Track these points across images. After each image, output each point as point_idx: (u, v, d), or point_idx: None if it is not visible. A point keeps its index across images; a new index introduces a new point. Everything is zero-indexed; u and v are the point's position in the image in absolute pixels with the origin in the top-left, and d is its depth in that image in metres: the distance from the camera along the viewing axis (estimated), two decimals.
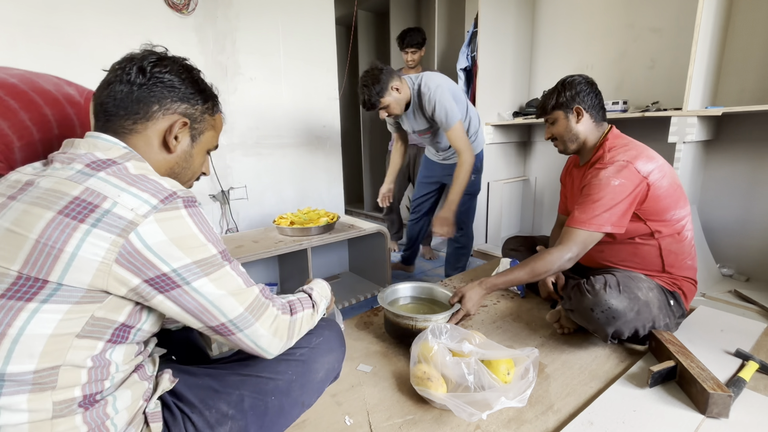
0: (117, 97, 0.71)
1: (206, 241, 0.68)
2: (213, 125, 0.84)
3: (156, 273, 0.63)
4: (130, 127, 0.72)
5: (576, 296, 1.25)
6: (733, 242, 2.24)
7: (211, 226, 0.71)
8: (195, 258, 0.66)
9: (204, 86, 0.80)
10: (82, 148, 0.68)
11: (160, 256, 0.62)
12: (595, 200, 1.24)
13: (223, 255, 0.71)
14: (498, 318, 1.54)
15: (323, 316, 0.99)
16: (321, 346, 0.92)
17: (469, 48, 2.95)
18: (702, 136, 1.99)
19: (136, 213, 0.61)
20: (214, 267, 0.69)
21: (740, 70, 2.13)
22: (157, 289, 0.64)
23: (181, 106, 0.76)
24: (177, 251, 0.64)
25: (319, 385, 0.91)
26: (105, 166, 0.65)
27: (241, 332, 0.72)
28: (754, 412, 1.00)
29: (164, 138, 0.75)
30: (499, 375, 1.05)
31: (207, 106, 0.80)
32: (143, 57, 0.73)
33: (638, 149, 1.30)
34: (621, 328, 1.20)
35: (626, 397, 1.07)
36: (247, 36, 2.31)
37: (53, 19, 1.73)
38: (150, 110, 0.72)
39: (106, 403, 0.66)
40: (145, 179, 0.66)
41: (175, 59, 0.76)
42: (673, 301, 1.29)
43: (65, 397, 0.60)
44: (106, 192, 0.61)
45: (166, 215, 0.64)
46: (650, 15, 2.41)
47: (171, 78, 0.74)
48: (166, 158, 0.77)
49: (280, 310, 0.79)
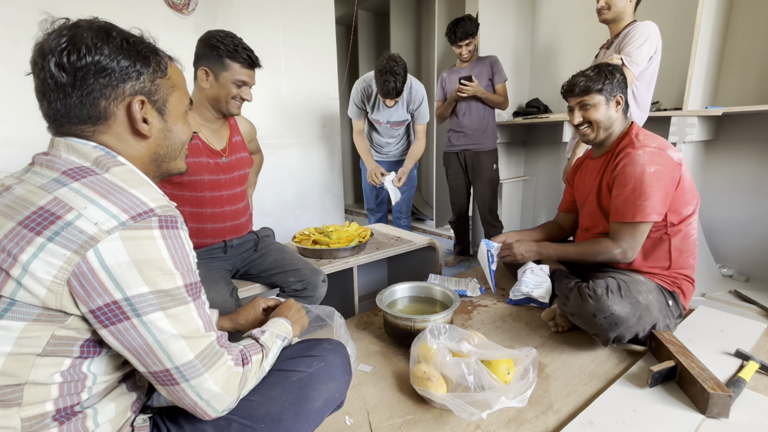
0: (58, 108, 0.62)
1: (174, 269, 0.60)
2: (172, 84, 0.71)
3: (104, 301, 0.55)
4: (92, 130, 0.64)
5: (577, 301, 1.24)
6: (734, 242, 2.24)
7: (189, 253, 0.63)
8: (155, 287, 0.58)
9: (135, 47, 0.65)
10: (62, 150, 0.62)
11: (115, 279, 0.55)
12: (636, 190, 1.23)
13: (189, 289, 0.62)
14: (498, 318, 1.54)
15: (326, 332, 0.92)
16: (321, 373, 0.83)
17: None
18: (702, 136, 1.99)
19: (99, 228, 0.54)
20: (175, 302, 0.60)
21: (740, 70, 2.13)
22: (101, 321, 0.56)
23: (127, 86, 0.64)
24: (136, 276, 0.56)
25: (315, 415, 0.81)
26: (81, 175, 0.59)
27: (187, 383, 0.61)
28: (754, 412, 1.00)
29: (132, 127, 0.66)
30: (499, 375, 1.05)
31: (151, 68, 0.67)
32: (52, 48, 0.60)
33: (664, 140, 1.30)
34: (623, 333, 1.20)
35: (626, 397, 1.07)
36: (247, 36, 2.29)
37: None
38: (100, 108, 0.63)
39: (85, 416, 0.61)
40: (122, 192, 0.59)
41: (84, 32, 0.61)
42: (671, 302, 1.29)
43: (35, 412, 0.57)
44: (74, 203, 0.56)
45: (135, 234, 0.56)
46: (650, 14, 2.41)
47: (96, 60, 0.61)
48: (144, 146, 0.68)
49: (234, 361, 0.67)
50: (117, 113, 0.64)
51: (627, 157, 1.27)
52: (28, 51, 0.63)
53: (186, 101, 0.75)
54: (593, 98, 1.35)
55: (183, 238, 0.62)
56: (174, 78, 0.71)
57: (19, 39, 1.66)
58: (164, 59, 0.70)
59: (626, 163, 1.26)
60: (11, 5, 1.64)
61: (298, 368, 0.81)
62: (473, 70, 2.48)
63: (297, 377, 0.80)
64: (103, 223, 0.55)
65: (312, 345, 0.88)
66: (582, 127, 1.40)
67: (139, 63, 0.65)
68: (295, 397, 0.78)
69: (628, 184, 1.25)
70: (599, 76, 1.35)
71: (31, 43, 0.63)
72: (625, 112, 1.38)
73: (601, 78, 1.35)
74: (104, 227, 0.55)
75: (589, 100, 1.36)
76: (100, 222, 0.55)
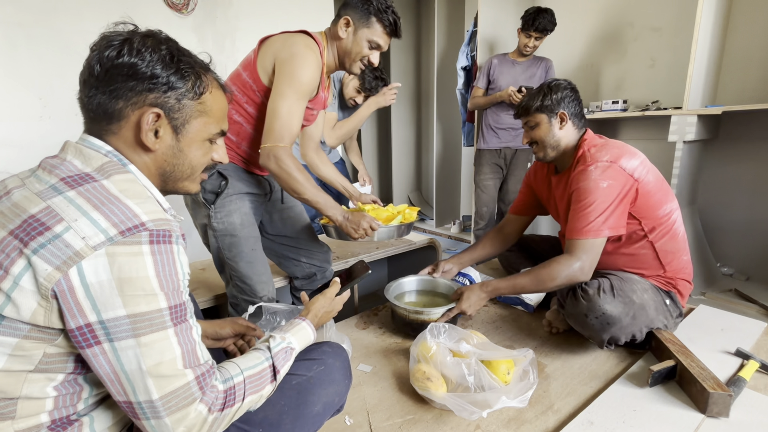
0: (85, 100, 0.64)
1: (158, 289, 0.56)
2: (203, 110, 0.69)
3: (78, 323, 0.53)
4: (106, 128, 0.64)
5: (570, 301, 1.24)
6: (734, 241, 2.24)
7: (179, 270, 0.59)
8: (132, 310, 0.54)
9: (177, 65, 0.65)
10: (69, 154, 0.62)
11: (93, 299, 0.53)
12: (587, 206, 1.22)
13: (173, 312, 0.58)
14: (497, 318, 1.54)
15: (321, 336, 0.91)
16: (321, 377, 0.81)
17: (468, 47, 2.95)
18: (702, 135, 1.99)
19: (86, 243, 0.53)
20: (152, 327, 0.56)
21: (740, 69, 2.13)
22: (77, 342, 0.54)
23: (150, 96, 0.63)
24: (115, 298, 0.53)
25: (315, 419, 0.79)
26: (79, 183, 0.57)
27: (147, 421, 0.57)
28: (754, 412, 1.00)
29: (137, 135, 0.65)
30: (499, 375, 1.05)
31: (184, 89, 0.66)
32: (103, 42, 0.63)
33: (619, 147, 1.27)
34: (617, 334, 1.18)
35: (626, 396, 1.06)
36: (247, 36, 2.32)
37: (53, 21, 1.73)
38: (115, 108, 0.63)
39: (81, 424, 0.60)
40: (117, 203, 0.56)
41: (142, 36, 0.64)
42: (669, 301, 1.28)
43: (28, 425, 0.56)
44: (65, 213, 0.54)
45: (122, 249, 0.54)
46: (650, 14, 2.41)
47: (132, 62, 0.61)
48: (150, 158, 0.67)
49: (210, 407, 0.60)
50: (130, 117, 0.64)
51: (580, 174, 1.25)
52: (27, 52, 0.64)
53: (212, 130, 0.72)
54: (535, 118, 1.35)
55: (175, 254, 0.59)
56: (208, 104, 0.70)
57: (18, 41, 1.66)
58: (205, 85, 0.69)
59: (579, 179, 1.25)
60: (10, 7, 1.64)
61: (297, 372, 0.79)
62: (528, 70, 2.38)
63: (296, 381, 0.78)
64: (91, 237, 0.53)
65: (311, 348, 0.86)
66: (532, 146, 1.41)
67: (173, 79, 0.64)
68: (294, 401, 0.76)
69: (581, 200, 1.23)
70: (537, 94, 1.35)
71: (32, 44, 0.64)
72: (578, 126, 1.35)
73: (539, 96, 1.34)
74: (91, 242, 0.53)
75: (532, 120, 1.36)
76: (87, 236, 0.53)
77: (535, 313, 1.57)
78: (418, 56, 4.10)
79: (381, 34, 1.24)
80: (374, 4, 1.20)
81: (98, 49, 0.62)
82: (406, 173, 4.18)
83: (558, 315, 1.39)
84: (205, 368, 0.61)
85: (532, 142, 1.40)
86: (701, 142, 2.14)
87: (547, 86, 1.35)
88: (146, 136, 0.64)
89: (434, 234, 3.73)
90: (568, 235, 1.27)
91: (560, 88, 1.34)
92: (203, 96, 0.68)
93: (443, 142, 3.66)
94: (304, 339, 0.82)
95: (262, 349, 0.73)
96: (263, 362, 0.70)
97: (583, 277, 1.22)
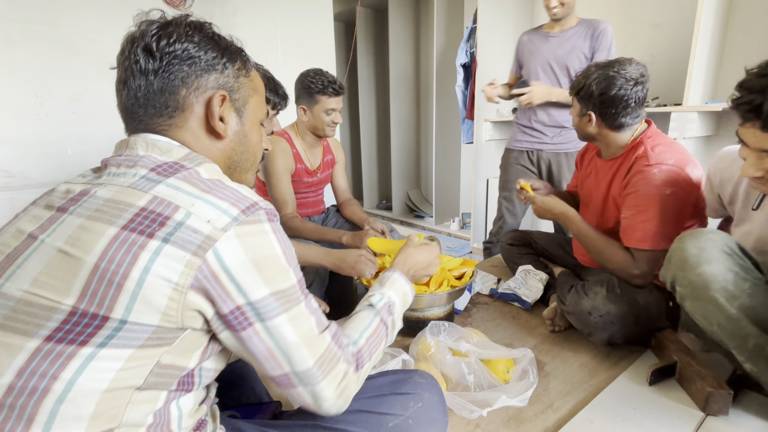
0: (138, 96, 0.58)
1: (287, 265, 0.56)
2: (254, 87, 0.67)
3: (230, 307, 0.51)
4: (168, 123, 0.60)
5: (573, 298, 1.22)
6: None
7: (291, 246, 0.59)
8: (275, 288, 0.54)
9: (225, 42, 0.64)
10: (140, 149, 0.57)
11: (237, 282, 0.51)
12: (647, 215, 1.14)
13: (300, 285, 0.58)
14: (497, 316, 1.54)
15: None
16: (420, 416, 0.70)
17: (468, 44, 2.94)
18: (702, 132, 1.98)
19: (213, 226, 0.49)
20: (292, 301, 0.56)
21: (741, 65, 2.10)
22: (226, 325, 0.52)
23: (211, 78, 0.61)
24: (256, 278, 0.52)
25: None
26: (173, 171, 0.54)
27: (304, 387, 0.58)
28: (754, 411, 1.00)
29: (207, 123, 0.62)
30: (499, 374, 1.05)
31: (237, 65, 0.64)
32: (143, 33, 0.59)
33: (683, 152, 1.18)
34: (618, 333, 1.17)
35: (626, 395, 1.06)
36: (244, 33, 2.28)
37: (49, 17, 1.72)
38: (179, 97, 0.59)
39: None
40: (222, 185, 0.54)
41: (179, 21, 0.62)
42: (672, 303, 1.27)
43: None
44: (178, 200, 0.50)
45: (249, 229, 0.52)
46: (650, 10, 2.40)
47: (185, 47, 0.59)
48: (219, 148, 0.63)
49: (351, 366, 0.62)
50: (195, 106, 0.60)
51: (640, 174, 1.16)
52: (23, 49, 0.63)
53: (264, 108, 0.71)
54: (573, 98, 1.32)
55: (284, 232, 0.58)
56: (255, 81, 0.68)
57: (14, 37, 1.64)
58: (249, 59, 0.68)
59: (639, 182, 1.15)
60: (5, 2, 1.62)
61: (392, 411, 0.68)
62: (567, 42, 1.83)
63: (393, 423, 0.67)
64: (216, 219, 0.50)
65: (402, 379, 0.76)
66: None
67: (226, 57, 0.62)
68: None
69: (640, 206, 1.15)
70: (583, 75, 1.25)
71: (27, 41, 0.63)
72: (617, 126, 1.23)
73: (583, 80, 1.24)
74: (218, 224, 0.50)
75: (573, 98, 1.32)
76: (212, 219, 0.50)
77: (533, 310, 1.56)
78: (418, 53, 4.08)
79: (328, 100, 1.62)
80: (312, 86, 1.59)
81: (138, 41, 0.58)
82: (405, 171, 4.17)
83: (557, 312, 1.39)
84: (333, 328, 0.62)
85: None
86: (702, 139, 2.13)
87: (603, 75, 1.18)
88: (216, 121, 0.61)
89: (434, 232, 3.72)
90: (626, 240, 1.20)
91: (613, 88, 1.16)
92: (252, 73, 0.67)
93: (443, 140, 3.65)
94: (401, 291, 0.79)
95: (368, 308, 0.73)
96: (374, 319, 0.71)
97: (639, 282, 1.19)
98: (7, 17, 1.63)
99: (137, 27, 0.60)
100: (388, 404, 0.70)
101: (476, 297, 1.69)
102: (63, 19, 1.75)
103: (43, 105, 1.78)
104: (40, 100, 1.76)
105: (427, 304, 1.28)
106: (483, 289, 1.72)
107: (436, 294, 1.25)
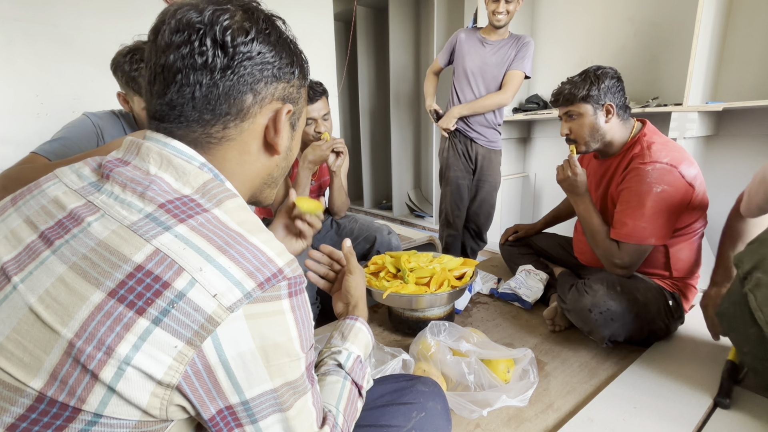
0: (196, 94, 0.47)
1: (300, 351, 0.46)
2: (306, 98, 0.60)
3: (218, 407, 0.41)
4: (220, 134, 0.49)
5: (573, 296, 1.23)
6: None
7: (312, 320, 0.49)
8: (279, 381, 0.44)
9: (296, 47, 0.54)
10: (152, 163, 0.47)
11: (234, 379, 0.41)
12: (637, 210, 1.16)
13: (309, 371, 0.48)
14: (498, 316, 1.54)
15: None
16: (423, 426, 0.67)
17: None
18: (703, 132, 1.99)
19: (219, 303, 0.39)
20: (296, 395, 0.46)
21: (741, 65, 2.11)
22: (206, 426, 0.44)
23: (278, 88, 0.52)
24: (260, 371, 0.42)
25: None
26: (186, 213, 0.43)
27: None
28: (754, 411, 1.00)
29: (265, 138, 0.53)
30: (499, 373, 1.05)
31: (301, 76, 0.55)
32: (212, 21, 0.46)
33: (679, 151, 1.20)
34: (618, 331, 1.18)
35: (626, 394, 1.06)
36: None
37: (50, 16, 1.72)
38: (244, 105, 0.49)
39: None
40: (243, 242, 0.43)
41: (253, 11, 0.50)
42: (672, 302, 1.27)
43: None
44: (184, 260, 0.40)
45: (262, 309, 0.42)
46: (650, 9, 2.40)
47: (261, 49, 0.49)
48: (265, 164, 0.55)
49: None
50: (258, 116, 0.51)
51: (635, 171, 1.18)
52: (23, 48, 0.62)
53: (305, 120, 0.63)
54: (579, 108, 1.26)
55: (308, 303, 0.49)
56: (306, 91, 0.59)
57: (15, 36, 1.64)
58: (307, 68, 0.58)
59: (633, 178, 1.18)
60: (6, 2, 1.62)
61: (393, 422, 0.65)
62: (499, 51, 1.94)
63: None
64: (224, 294, 0.40)
65: (404, 388, 0.73)
66: (568, 139, 1.32)
67: (297, 66, 0.54)
68: None
69: (631, 201, 1.17)
70: (583, 81, 1.25)
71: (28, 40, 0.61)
72: (623, 117, 1.28)
73: (585, 84, 1.24)
74: (225, 301, 0.39)
75: (575, 110, 1.27)
76: (220, 293, 0.39)
77: (534, 310, 1.56)
78: (417, 53, 4.07)
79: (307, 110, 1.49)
80: None
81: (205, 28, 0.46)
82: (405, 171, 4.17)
83: (558, 312, 1.39)
84: (330, 421, 0.54)
85: (570, 134, 1.30)
86: (702, 139, 2.13)
87: (593, 74, 1.25)
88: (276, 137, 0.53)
89: (434, 231, 3.72)
90: (614, 233, 1.23)
91: (607, 77, 1.24)
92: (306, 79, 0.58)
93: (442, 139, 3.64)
94: (364, 342, 0.72)
95: (336, 370, 0.64)
96: (346, 384, 0.62)
97: (621, 273, 1.23)
98: (8, 17, 1.63)
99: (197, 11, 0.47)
100: (391, 415, 0.66)
101: (476, 297, 1.69)
102: (64, 18, 1.75)
103: (43, 105, 1.78)
104: (40, 100, 1.76)
105: (428, 304, 1.28)
106: (483, 289, 1.72)
107: (437, 294, 1.26)
